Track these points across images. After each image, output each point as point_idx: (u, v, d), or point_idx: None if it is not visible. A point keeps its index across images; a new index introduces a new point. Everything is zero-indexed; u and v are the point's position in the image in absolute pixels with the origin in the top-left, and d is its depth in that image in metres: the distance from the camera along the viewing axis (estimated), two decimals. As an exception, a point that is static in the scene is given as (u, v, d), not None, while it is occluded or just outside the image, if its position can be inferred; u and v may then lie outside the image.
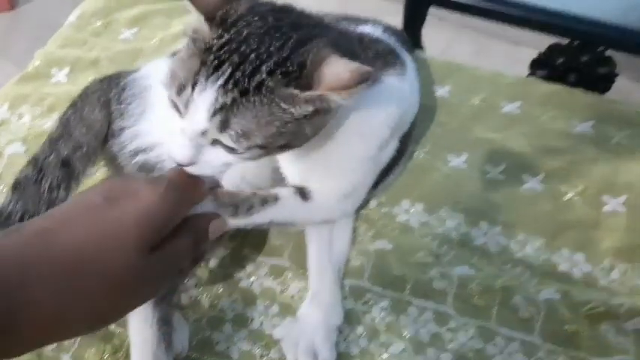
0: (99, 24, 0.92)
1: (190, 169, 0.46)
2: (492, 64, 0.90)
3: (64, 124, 0.68)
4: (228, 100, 0.43)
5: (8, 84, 0.83)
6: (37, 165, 0.65)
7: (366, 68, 0.43)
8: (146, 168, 0.63)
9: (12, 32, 2.02)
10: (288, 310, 0.62)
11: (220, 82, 0.43)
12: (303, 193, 0.56)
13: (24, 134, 0.77)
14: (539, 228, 0.69)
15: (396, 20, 0.88)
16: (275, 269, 0.65)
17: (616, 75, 0.86)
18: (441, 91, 0.82)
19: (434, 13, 0.96)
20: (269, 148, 0.46)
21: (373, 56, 0.57)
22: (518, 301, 0.63)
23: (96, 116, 0.68)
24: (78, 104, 0.70)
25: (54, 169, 0.65)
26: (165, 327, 0.56)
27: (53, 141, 0.67)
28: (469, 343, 0.61)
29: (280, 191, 0.55)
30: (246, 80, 0.43)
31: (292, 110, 0.44)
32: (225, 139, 0.44)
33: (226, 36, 0.45)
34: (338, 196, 0.58)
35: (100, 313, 0.39)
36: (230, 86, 0.43)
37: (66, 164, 0.65)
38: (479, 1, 0.85)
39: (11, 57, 1.89)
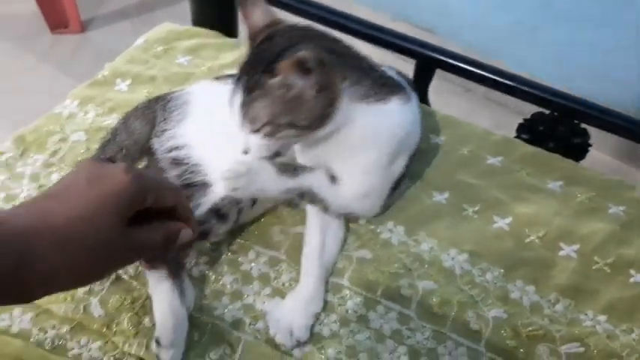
0: (160, 49, 1.09)
1: (249, 155, 0.68)
2: (490, 126, 1.04)
3: (113, 131, 0.84)
4: (245, 98, 0.65)
5: (80, 86, 1.01)
6: None
7: (306, 56, 0.61)
8: (176, 162, 0.78)
9: (78, 53, 2.22)
10: (278, 293, 0.74)
11: (240, 87, 0.65)
12: (332, 177, 0.74)
13: (87, 127, 0.92)
14: (500, 260, 0.79)
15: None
16: (272, 260, 0.78)
17: (589, 145, 0.99)
18: (437, 140, 0.95)
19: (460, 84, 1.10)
20: (277, 125, 0.65)
21: (382, 82, 0.74)
22: (471, 315, 0.73)
23: (136, 126, 0.83)
24: (127, 116, 0.85)
25: None
26: (178, 280, 0.69)
27: (103, 145, 0.82)
28: (424, 341, 0.71)
29: (318, 169, 0.74)
30: (251, 81, 0.64)
31: (278, 92, 0.64)
32: (248, 125, 0.66)
33: (250, 54, 0.68)
34: (355, 193, 0.75)
35: (84, 271, 0.48)
36: (244, 87, 0.65)
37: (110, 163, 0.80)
38: (478, 67, 0.99)
39: (73, 75, 2.07)
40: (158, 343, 0.65)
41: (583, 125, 0.99)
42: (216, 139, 0.78)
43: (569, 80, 1.03)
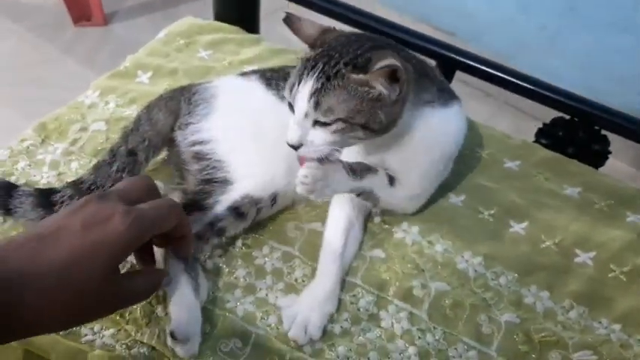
0: (182, 42, 1.10)
1: (300, 152, 0.67)
2: (509, 131, 1.03)
3: (136, 121, 0.84)
4: (319, 85, 0.64)
5: (102, 77, 1.02)
6: (112, 152, 0.81)
7: (399, 67, 0.63)
8: (199, 156, 0.79)
9: (100, 46, 2.25)
10: (290, 288, 0.74)
11: (315, 74, 0.65)
12: (391, 178, 0.76)
13: (107, 117, 0.93)
14: (515, 264, 0.79)
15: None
16: (286, 255, 0.78)
17: (609, 152, 0.98)
18: (455, 142, 0.95)
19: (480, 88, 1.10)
20: (350, 123, 0.65)
21: (442, 87, 0.78)
22: (483, 319, 0.73)
23: (160, 117, 0.83)
24: (150, 106, 0.85)
25: (122, 156, 0.80)
26: (194, 275, 0.69)
27: (126, 134, 0.83)
28: (434, 343, 0.70)
29: (379, 168, 0.75)
30: (330, 69, 0.64)
31: (360, 90, 0.64)
32: (318, 115, 0.65)
33: (320, 49, 0.67)
34: (409, 195, 0.79)
35: (70, 319, 0.49)
36: (320, 75, 0.64)
37: (132, 153, 0.80)
38: (499, 70, 0.99)
39: (95, 67, 2.10)
40: (173, 337, 0.65)
41: (603, 132, 0.98)
42: (242, 138, 0.79)
43: (590, 86, 1.02)
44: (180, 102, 0.84)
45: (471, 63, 1.01)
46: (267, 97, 0.83)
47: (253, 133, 0.79)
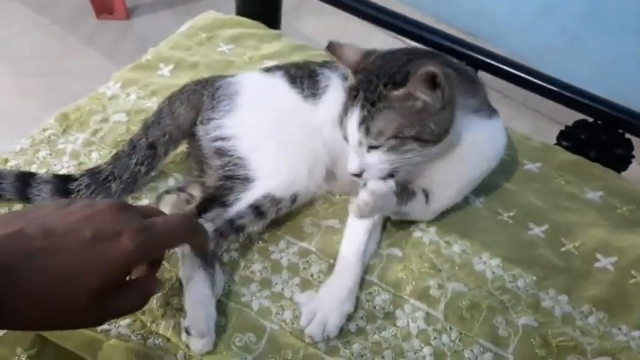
0: (203, 36, 1.10)
1: (364, 177, 0.69)
2: (527, 133, 1.02)
3: (157, 114, 0.84)
4: (365, 113, 0.66)
5: (123, 69, 1.02)
6: (132, 144, 0.81)
7: (437, 72, 0.63)
8: (220, 152, 0.78)
9: (122, 39, 2.26)
10: (306, 284, 0.74)
11: (359, 102, 0.66)
12: (427, 195, 0.76)
13: (128, 108, 0.94)
14: (533, 267, 0.78)
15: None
16: (302, 251, 0.78)
17: (632, 157, 0.96)
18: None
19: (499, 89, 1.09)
20: (401, 138, 0.66)
21: (485, 95, 0.78)
22: (500, 321, 0.72)
23: (181, 111, 0.83)
24: (172, 98, 0.85)
25: (142, 149, 0.80)
26: (211, 270, 0.69)
27: (146, 127, 0.83)
28: (450, 344, 0.70)
29: (417, 189, 0.76)
30: (372, 95, 0.65)
31: (404, 105, 0.65)
32: (370, 140, 0.67)
33: (360, 76, 0.68)
34: (439, 208, 0.79)
35: (58, 322, 0.49)
36: (364, 103, 0.65)
37: (152, 147, 0.81)
38: (521, 70, 0.98)
39: (116, 60, 2.12)
40: (188, 332, 0.65)
41: (627, 135, 0.96)
42: (264, 137, 0.79)
43: (611, 90, 1.01)
44: (202, 96, 0.83)
45: (494, 63, 1.00)
46: (291, 96, 0.82)
47: (276, 133, 0.79)
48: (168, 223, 0.53)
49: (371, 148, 0.68)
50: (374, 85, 0.67)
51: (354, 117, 0.67)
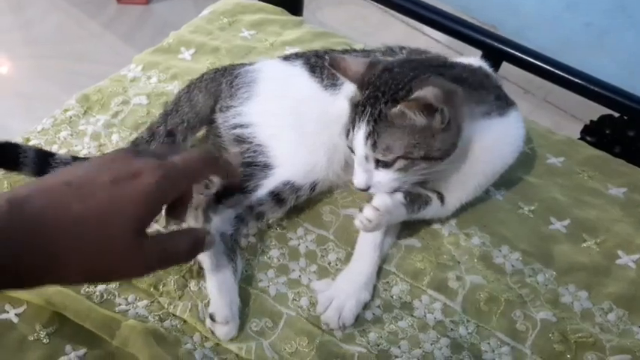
0: (225, 21, 1.10)
1: (371, 192, 0.68)
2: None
3: (176, 101, 0.84)
4: (371, 128, 0.64)
5: (144, 52, 1.02)
6: (151, 130, 0.81)
7: (431, 101, 0.61)
8: (240, 139, 0.78)
9: (141, 23, 2.26)
10: (323, 271, 0.74)
11: (365, 118, 0.65)
12: (442, 199, 0.75)
13: (149, 91, 0.94)
14: (553, 262, 0.77)
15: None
16: (320, 238, 0.77)
17: (658, 154, 0.94)
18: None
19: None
20: (411, 159, 0.65)
21: (498, 93, 0.75)
22: (518, 315, 0.71)
23: (200, 99, 0.83)
24: (191, 86, 0.85)
25: (161, 136, 0.80)
26: (233, 256, 0.70)
27: (165, 114, 0.83)
28: (467, 336, 0.69)
29: (432, 195, 0.75)
30: (377, 112, 0.64)
31: (405, 123, 0.64)
32: (377, 154, 0.65)
33: (366, 91, 0.66)
34: (453, 208, 0.78)
35: (92, 271, 0.46)
36: (370, 119, 0.64)
37: (170, 134, 0.81)
38: (547, 63, 0.96)
39: (136, 45, 2.11)
40: (213, 319, 0.66)
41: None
42: (283, 125, 0.78)
43: (637, 87, 0.98)
44: (221, 84, 0.83)
45: (519, 54, 0.98)
46: (310, 85, 0.81)
47: (295, 122, 0.78)
48: (185, 158, 0.51)
49: (379, 163, 0.67)
50: (377, 100, 0.65)
51: (361, 132, 0.66)
